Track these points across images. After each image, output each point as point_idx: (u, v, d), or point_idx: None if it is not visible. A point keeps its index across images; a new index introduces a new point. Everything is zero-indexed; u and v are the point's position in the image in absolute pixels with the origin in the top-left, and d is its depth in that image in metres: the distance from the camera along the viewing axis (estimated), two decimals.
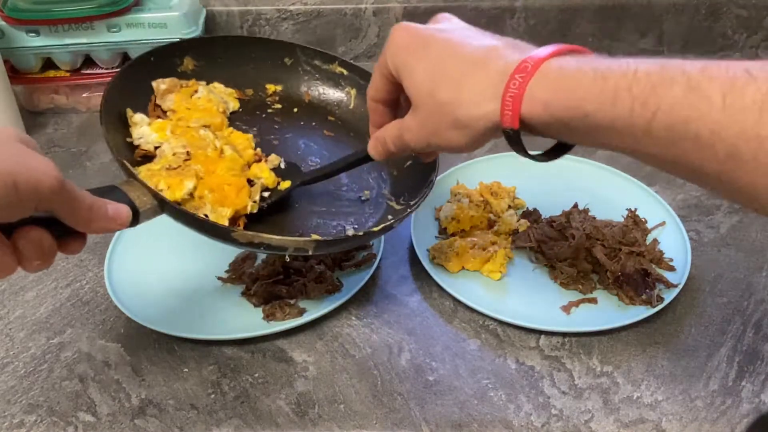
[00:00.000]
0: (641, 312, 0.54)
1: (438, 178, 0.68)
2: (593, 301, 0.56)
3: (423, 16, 0.89)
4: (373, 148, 0.47)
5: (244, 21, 0.90)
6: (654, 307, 0.54)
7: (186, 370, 0.52)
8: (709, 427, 0.47)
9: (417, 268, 0.60)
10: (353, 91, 0.65)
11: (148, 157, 0.52)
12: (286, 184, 0.54)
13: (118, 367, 0.52)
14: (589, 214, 0.63)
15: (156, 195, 0.45)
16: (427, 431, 0.47)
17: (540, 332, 0.54)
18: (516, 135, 0.36)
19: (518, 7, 0.89)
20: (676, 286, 0.56)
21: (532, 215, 0.65)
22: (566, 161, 0.46)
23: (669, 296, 0.55)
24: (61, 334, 0.55)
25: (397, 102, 0.45)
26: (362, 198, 0.58)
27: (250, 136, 0.57)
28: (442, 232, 0.64)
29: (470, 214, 0.63)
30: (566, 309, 0.55)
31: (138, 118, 0.54)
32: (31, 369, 0.52)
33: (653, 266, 0.58)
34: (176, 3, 0.80)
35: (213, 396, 0.50)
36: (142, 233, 0.62)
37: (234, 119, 0.59)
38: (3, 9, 0.75)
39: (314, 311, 0.54)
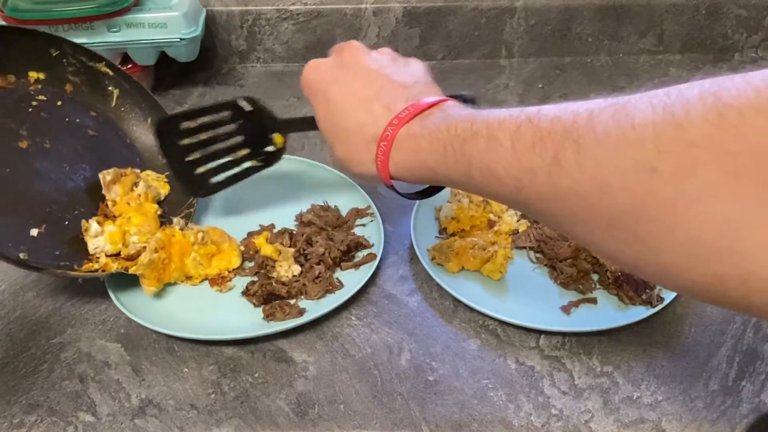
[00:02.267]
0: (641, 312, 0.54)
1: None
2: (593, 301, 0.56)
3: (423, 16, 0.89)
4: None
5: (244, 21, 0.90)
6: (654, 307, 0.54)
7: (186, 370, 0.52)
8: (709, 427, 0.47)
9: (417, 268, 0.60)
10: (116, 91, 0.66)
11: None
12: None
13: (118, 367, 0.52)
14: None
15: None
16: (427, 431, 0.47)
17: (540, 332, 0.54)
18: (391, 187, 0.46)
19: (518, 7, 0.89)
20: None
21: None
22: None
23: (669, 296, 0.55)
24: (61, 334, 0.55)
25: None
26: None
27: (235, 240, 0.61)
28: (442, 232, 0.64)
29: (470, 214, 0.63)
30: (566, 309, 0.55)
31: (93, 230, 0.58)
32: (31, 369, 0.52)
33: None
34: (176, 3, 0.80)
35: (213, 396, 0.50)
36: None
37: (1, 119, 0.59)
38: (3, 9, 0.75)
39: (314, 311, 0.54)
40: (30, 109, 0.61)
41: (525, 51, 0.94)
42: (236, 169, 0.60)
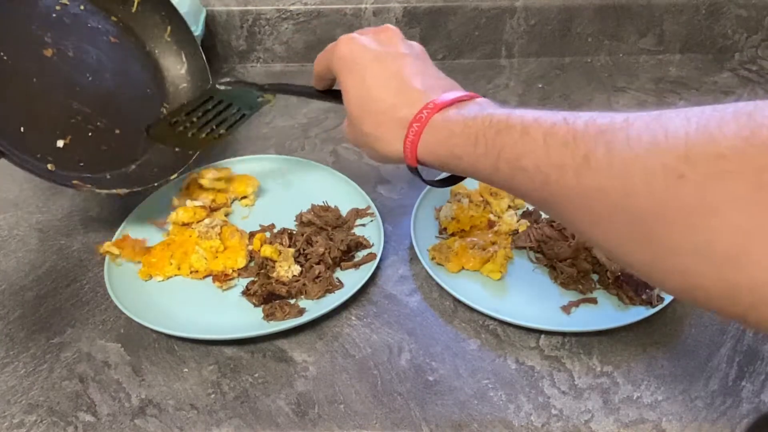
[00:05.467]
0: (641, 312, 0.54)
1: (438, 178, 0.68)
2: (593, 301, 0.56)
3: (423, 16, 0.89)
4: None
5: (244, 21, 0.90)
6: (654, 307, 0.54)
7: (186, 370, 0.52)
8: (709, 427, 0.47)
9: (417, 268, 0.60)
10: None
11: None
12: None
13: (118, 367, 0.52)
14: None
15: None
16: (427, 431, 0.47)
17: (540, 332, 0.54)
18: (414, 169, 0.46)
19: (518, 7, 0.89)
20: None
21: (532, 215, 0.65)
22: None
23: (669, 296, 0.55)
24: (61, 334, 0.55)
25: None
26: None
27: (246, 237, 0.63)
28: (442, 232, 0.64)
29: (470, 214, 0.63)
30: (566, 309, 0.55)
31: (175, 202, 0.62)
32: (31, 369, 0.52)
33: None
34: (176, 3, 0.80)
35: (213, 396, 0.50)
36: (142, 233, 0.62)
37: (27, 25, 0.59)
38: None
39: (314, 311, 0.54)
40: (54, 14, 0.62)
41: (525, 51, 0.94)
42: (231, 119, 0.61)
